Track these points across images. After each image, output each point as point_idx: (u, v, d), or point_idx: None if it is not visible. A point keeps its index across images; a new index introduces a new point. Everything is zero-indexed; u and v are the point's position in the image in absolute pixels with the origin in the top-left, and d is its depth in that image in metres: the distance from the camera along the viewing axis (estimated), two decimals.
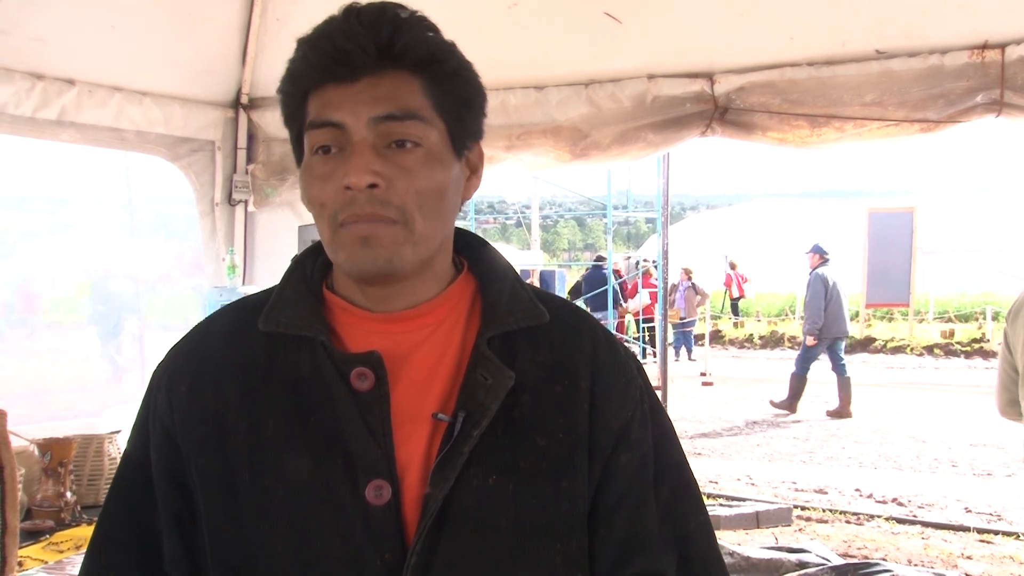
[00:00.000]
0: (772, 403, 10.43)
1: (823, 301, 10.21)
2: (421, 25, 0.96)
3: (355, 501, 0.94)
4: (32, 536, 2.45)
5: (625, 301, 16.46)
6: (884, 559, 4.94)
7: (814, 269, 10.55)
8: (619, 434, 1.01)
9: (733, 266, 20.63)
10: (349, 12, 0.94)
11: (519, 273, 1.09)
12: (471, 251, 1.07)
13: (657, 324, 14.35)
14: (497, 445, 0.96)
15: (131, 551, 1.03)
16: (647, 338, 15.98)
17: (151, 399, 1.05)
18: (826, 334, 10.24)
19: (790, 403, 10.36)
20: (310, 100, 0.95)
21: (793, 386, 10.38)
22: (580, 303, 14.29)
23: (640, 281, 16.36)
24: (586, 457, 0.99)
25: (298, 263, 1.07)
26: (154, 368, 1.08)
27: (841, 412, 10.17)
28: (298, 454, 0.96)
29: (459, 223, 1.05)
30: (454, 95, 0.98)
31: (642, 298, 15.98)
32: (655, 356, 13.79)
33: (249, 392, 0.99)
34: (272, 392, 0.98)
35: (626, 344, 1.10)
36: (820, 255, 10.59)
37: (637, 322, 16.33)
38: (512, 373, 0.97)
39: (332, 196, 0.93)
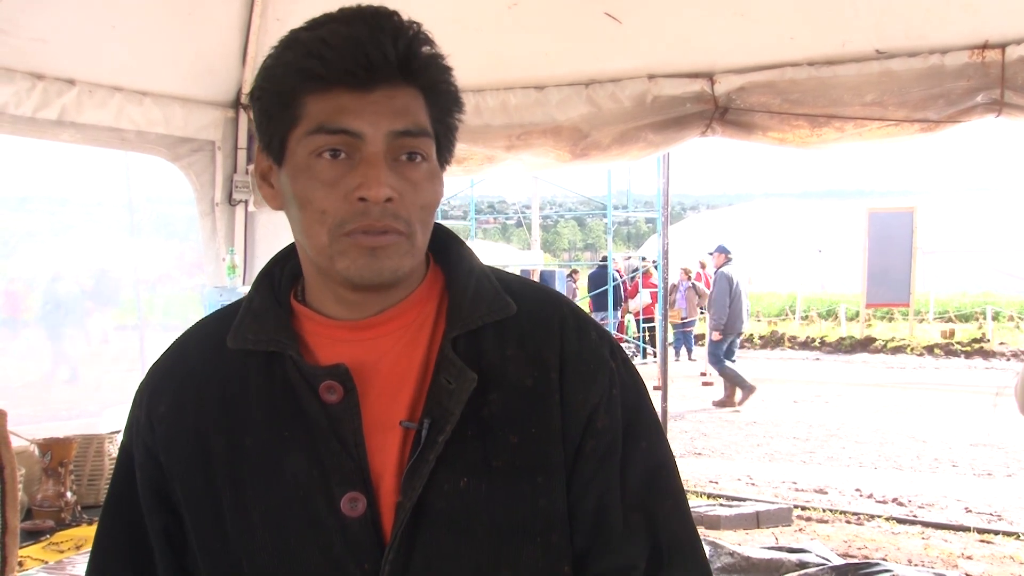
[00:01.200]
0: (714, 403, 10.77)
1: (727, 298, 10.65)
2: (429, 42, 0.96)
3: (331, 513, 0.94)
4: (32, 536, 2.45)
5: (625, 301, 16.47)
6: (884, 559, 4.95)
7: (719, 268, 11.06)
8: (586, 422, 0.99)
9: (703, 266, 20.52)
10: (367, 17, 0.92)
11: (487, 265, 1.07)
12: (436, 244, 1.05)
13: (657, 324, 14.35)
14: (467, 447, 0.95)
15: (126, 560, 1.05)
16: (647, 338, 15.99)
17: (133, 418, 1.06)
18: (728, 330, 10.63)
19: (745, 393, 10.59)
20: (309, 101, 0.92)
21: (730, 379, 10.69)
22: (583, 302, 14.28)
23: (640, 281, 16.38)
24: (561, 449, 0.98)
25: (266, 273, 1.06)
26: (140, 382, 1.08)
27: (726, 402, 10.63)
28: (275, 469, 0.96)
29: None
30: (448, 114, 0.99)
31: (642, 298, 15.99)
32: (655, 356, 13.79)
33: (226, 409, 0.99)
34: (248, 408, 0.99)
35: (599, 323, 1.08)
36: (724, 255, 11.10)
37: (637, 322, 16.33)
38: (474, 375, 0.96)
39: (337, 204, 0.92)
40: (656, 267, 14.79)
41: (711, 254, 11.28)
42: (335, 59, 0.90)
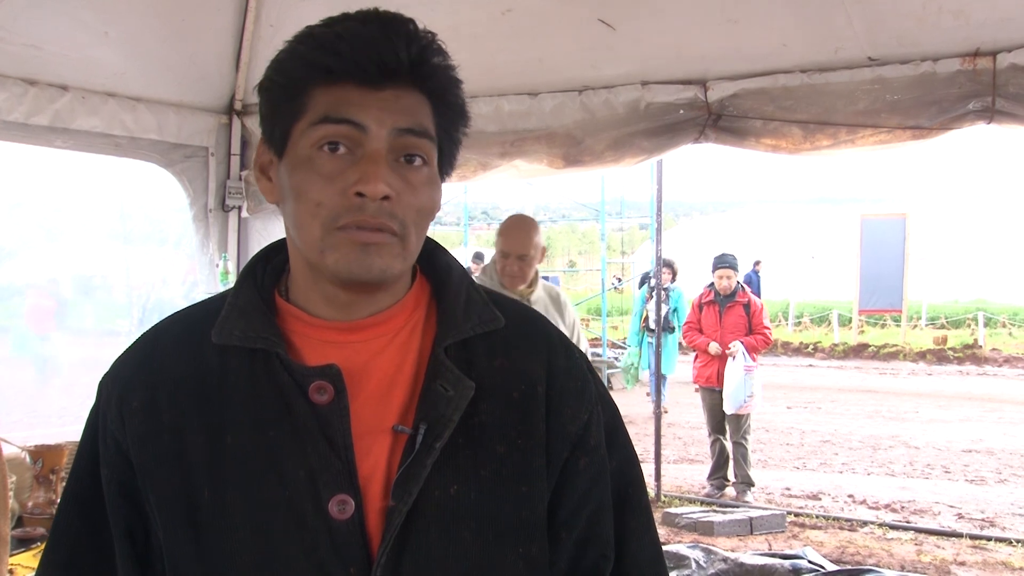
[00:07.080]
0: None
1: None
2: (442, 52, 0.96)
3: (318, 515, 0.92)
4: (23, 544, 2.43)
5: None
6: (877, 565, 4.96)
7: None
8: (576, 438, 1.01)
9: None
10: (383, 19, 0.93)
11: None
12: (423, 254, 1.04)
13: (657, 329, 14.35)
14: (458, 454, 0.95)
15: (87, 555, 1.01)
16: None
17: (100, 413, 1.01)
18: None
19: None
20: (317, 94, 0.92)
21: None
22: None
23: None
24: (544, 462, 0.99)
25: (249, 270, 1.04)
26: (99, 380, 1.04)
27: None
28: (259, 469, 0.94)
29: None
30: (453, 126, 0.99)
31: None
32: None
33: (205, 406, 0.96)
34: (229, 406, 0.96)
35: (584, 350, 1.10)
36: None
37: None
38: (472, 383, 0.96)
39: (333, 198, 0.91)
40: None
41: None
42: (347, 53, 0.91)
